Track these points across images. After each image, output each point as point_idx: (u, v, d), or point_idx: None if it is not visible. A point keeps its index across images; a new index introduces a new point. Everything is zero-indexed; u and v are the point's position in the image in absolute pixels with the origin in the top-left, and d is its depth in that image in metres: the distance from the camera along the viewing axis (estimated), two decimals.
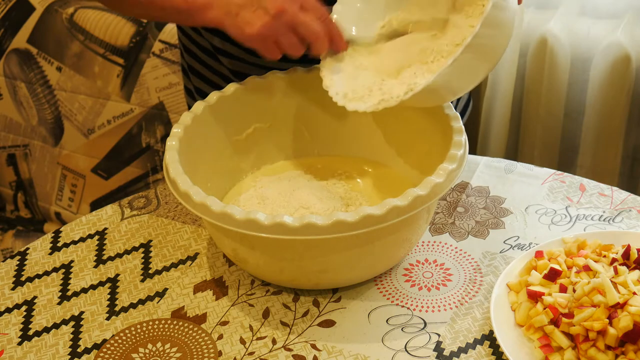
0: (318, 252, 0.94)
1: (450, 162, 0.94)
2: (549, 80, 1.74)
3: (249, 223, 0.89)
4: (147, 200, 1.20)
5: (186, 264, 1.08)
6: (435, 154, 0.99)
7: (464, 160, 0.97)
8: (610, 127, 1.74)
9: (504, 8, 0.92)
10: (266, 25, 0.96)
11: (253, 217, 0.89)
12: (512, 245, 1.07)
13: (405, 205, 0.90)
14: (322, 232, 0.89)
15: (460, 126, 0.99)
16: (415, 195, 0.90)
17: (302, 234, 0.89)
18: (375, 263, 1.00)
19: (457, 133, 0.98)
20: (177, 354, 0.96)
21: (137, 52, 1.88)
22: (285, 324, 0.99)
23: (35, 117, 2.05)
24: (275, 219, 0.89)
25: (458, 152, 0.96)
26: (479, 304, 0.99)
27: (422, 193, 0.91)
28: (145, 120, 1.92)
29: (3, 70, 2.04)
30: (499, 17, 0.92)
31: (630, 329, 0.86)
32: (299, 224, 0.88)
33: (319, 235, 0.89)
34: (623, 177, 1.81)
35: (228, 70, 1.23)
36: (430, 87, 0.92)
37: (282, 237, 0.89)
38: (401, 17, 1.07)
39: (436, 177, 0.92)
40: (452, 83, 0.95)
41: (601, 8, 1.71)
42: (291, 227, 0.88)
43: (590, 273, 0.95)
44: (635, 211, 1.10)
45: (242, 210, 0.90)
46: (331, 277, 0.99)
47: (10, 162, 2.14)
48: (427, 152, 1.05)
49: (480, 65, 0.96)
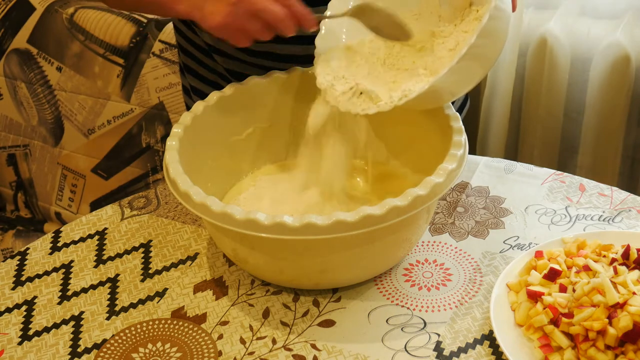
0: (318, 252, 0.94)
1: (450, 162, 0.94)
2: (549, 81, 1.74)
3: (249, 223, 0.89)
4: (147, 200, 1.20)
5: (186, 264, 1.08)
6: (435, 154, 0.99)
7: (463, 160, 0.97)
8: (610, 127, 1.74)
9: (499, 18, 0.92)
10: (229, 15, 0.98)
11: (253, 217, 0.89)
12: (512, 245, 1.07)
13: (405, 205, 0.90)
14: (322, 232, 0.88)
15: (460, 126, 0.99)
16: (415, 195, 0.90)
17: (302, 234, 0.89)
18: (375, 263, 1.00)
19: (456, 133, 0.98)
20: (177, 354, 0.96)
21: (137, 52, 1.88)
22: (285, 324, 0.99)
23: (36, 117, 2.05)
24: (275, 218, 0.89)
25: (458, 152, 0.96)
26: (479, 304, 0.99)
27: (422, 193, 0.91)
28: (145, 120, 1.92)
29: (3, 70, 2.04)
30: (495, 27, 0.92)
31: (630, 328, 0.86)
32: (299, 223, 0.88)
33: (319, 235, 0.89)
34: (623, 177, 1.81)
35: (223, 69, 1.23)
36: (425, 93, 0.92)
37: (282, 237, 0.89)
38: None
39: (436, 177, 0.92)
40: (447, 89, 0.96)
41: (601, 8, 1.71)
42: (291, 227, 0.88)
43: (590, 273, 0.95)
44: (635, 211, 1.10)
45: (242, 210, 0.90)
46: (331, 277, 0.99)
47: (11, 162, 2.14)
48: (427, 152, 1.05)
49: (474, 72, 0.96)
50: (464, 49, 0.90)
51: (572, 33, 1.71)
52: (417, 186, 0.92)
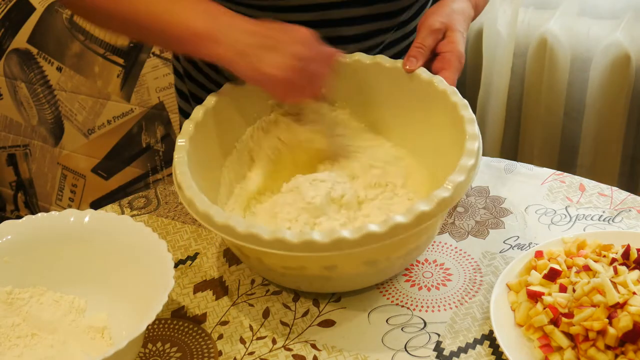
0: (321, 264, 0.93)
1: (459, 174, 0.91)
2: (549, 80, 1.75)
3: (276, 243, 0.88)
4: (147, 200, 1.20)
5: (186, 264, 1.08)
6: (446, 149, 0.99)
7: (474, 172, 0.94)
8: (610, 126, 1.74)
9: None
10: (292, 70, 0.94)
11: (281, 237, 0.87)
12: (512, 245, 1.07)
13: (409, 222, 0.87)
14: (323, 249, 0.87)
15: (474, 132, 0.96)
16: (419, 212, 0.88)
17: (302, 250, 0.87)
18: (380, 274, 0.99)
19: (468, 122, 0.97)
20: (177, 354, 0.96)
21: (137, 52, 1.89)
22: (285, 324, 0.99)
23: (36, 117, 2.05)
24: (276, 234, 0.87)
25: (469, 158, 0.93)
26: (479, 304, 0.99)
27: (427, 209, 0.88)
28: (145, 120, 1.93)
29: (3, 70, 2.04)
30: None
31: (630, 328, 0.86)
32: (298, 240, 0.86)
33: (319, 252, 0.87)
34: (623, 177, 1.81)
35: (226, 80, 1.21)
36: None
37: (283, 252, 0.88)
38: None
39: (443, 191, 0.90)
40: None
41: (601, 8, 1.71)
42: (291, 244, 0.87)
43: (590, 273, 0.95)
44: (635, 211, 1.10)
45: (269, 230, 0.88)
46: (334, 285, 0.99)
47: (11, 162, 2.14)
48: (437, 149, 1.04)
49: None
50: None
51: (572, 33, 1.71)
52: (422, 199, 0.89)
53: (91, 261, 0.99)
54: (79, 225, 1.00)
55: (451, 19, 1.06)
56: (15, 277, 0.98)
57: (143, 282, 0.94)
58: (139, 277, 0.95)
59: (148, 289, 0.92)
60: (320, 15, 1.09)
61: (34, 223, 1.00)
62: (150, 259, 0.94)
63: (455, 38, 1.04)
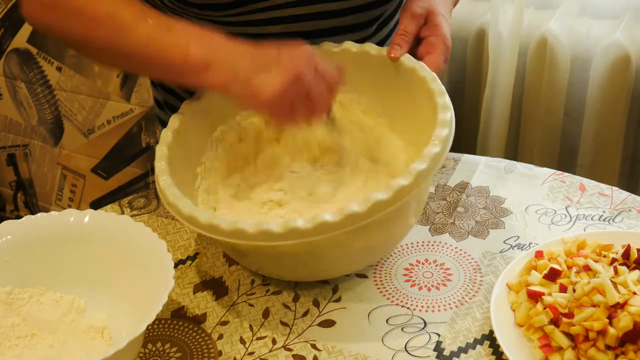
0: (308, 250, 0.93)
1: (434, 146, 0.93)
2: (549, 80, 1.75)
3: (262, 234, 0.88)
4: (147, 200, 1.20)
5: (186, 264, 1.08)
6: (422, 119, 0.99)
7: (448, 142, 0.95)
8: (610, 126, 1.74)
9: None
10: (283, 87, 0.88)
11: (266, 228, 0.88)
12: (512, 245, 1.07)
13: (389, 199, 0.88)
14: (306, 235, 0.87)
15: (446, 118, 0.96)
16: (399, 187, 0.89)
17: (287, 239, 0.88)
18: (367, 256, 1.00)
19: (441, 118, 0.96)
20: (177, 354, 0.96)
21: None
22: (285, 324, 0.99)
23: (35, 117, 2.05)
24: (260, 226, 0.88)
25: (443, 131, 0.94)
26: (479, 304, 0.99)
27: (405, 183, 0.89)
28: (145, 120, 1.93)
29: (3, 70, 2.04)
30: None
31: (630, 328, 0.86)
32: (283, 229, 0.87)
33: (303, 238, 0.88)
34: (623, 177, 1.81)
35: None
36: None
37: (268, 243, 0.88)
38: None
39: (421, 163, 0.91)
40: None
41: (601, 8, 1.71)
42: (276, 234, 0.87)
43: (590, 273, 0.95)
44: (635, 211, 1.10)
45: (253, 223, 0.89)
46: (325, 270, 0.99)
47: (10, 162, 2.14)
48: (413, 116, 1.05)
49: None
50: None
51: (572, 33, 1.71)
52: (402, 176, 0.90)
53: (91, 261, 0.99)
54: (79, 225, 1.00)
55: (432, 3, 1.06)
56: (15, 277, 0.98)
57: (143, 282, 0.94)
58: (139, 277, 0.95)
59: (148, 289, 0.92)
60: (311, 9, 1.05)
61: (34, 223, 1.00)
62: (150, 259, 0.94)
63: (437, 21, 1.04)
